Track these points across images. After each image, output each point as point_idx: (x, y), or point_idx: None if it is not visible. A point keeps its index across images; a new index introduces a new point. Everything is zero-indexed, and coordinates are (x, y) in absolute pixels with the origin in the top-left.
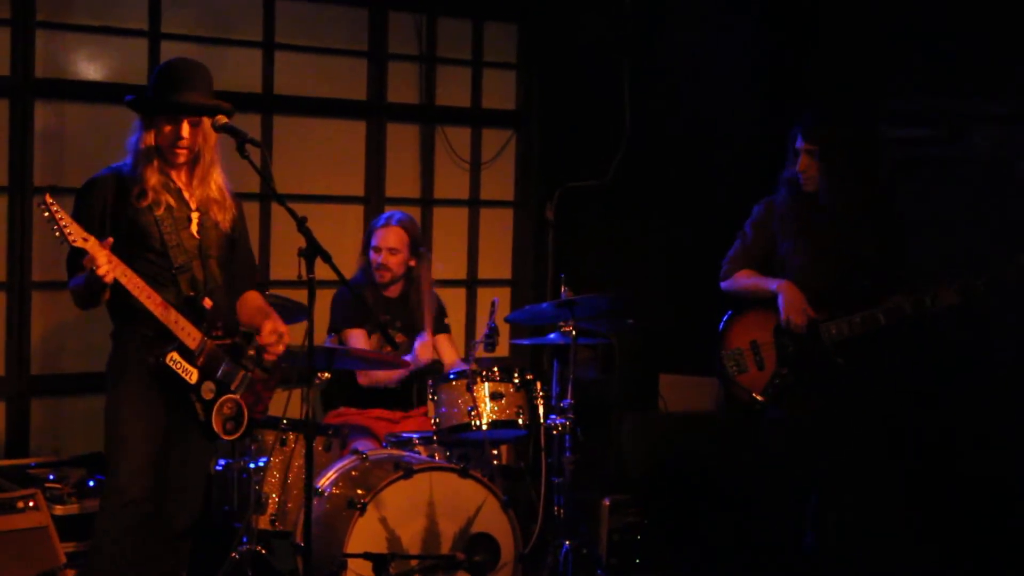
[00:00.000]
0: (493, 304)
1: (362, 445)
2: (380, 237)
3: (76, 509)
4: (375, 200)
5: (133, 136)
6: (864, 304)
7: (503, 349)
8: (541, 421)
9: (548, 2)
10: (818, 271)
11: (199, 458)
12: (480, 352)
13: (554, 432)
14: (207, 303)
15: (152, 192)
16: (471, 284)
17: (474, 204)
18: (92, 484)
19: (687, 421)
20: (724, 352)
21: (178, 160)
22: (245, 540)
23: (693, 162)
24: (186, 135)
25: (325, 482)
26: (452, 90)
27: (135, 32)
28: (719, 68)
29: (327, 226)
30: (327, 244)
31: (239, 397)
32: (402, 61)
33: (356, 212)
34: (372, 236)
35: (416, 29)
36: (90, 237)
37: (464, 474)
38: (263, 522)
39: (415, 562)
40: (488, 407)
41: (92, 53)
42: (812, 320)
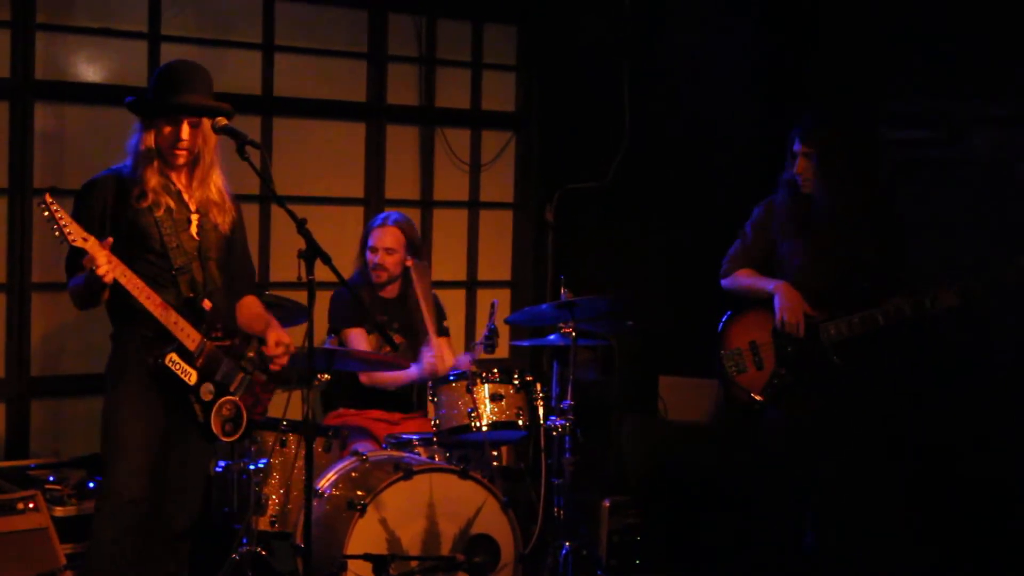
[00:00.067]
0: (493, 306)
1: (362, 446)
2: (376, 237)
3: (76, 511)
4: (375, 202)
5: (133, 138)
6: (863, 305)
7: (503, 350)
8: (541, 422)
9: (548, 4)
10: (817, 272)
11: (198, 459)
12: (480, 354)
13: (554, 433)
14: (206, 304)
15: (152, 193)
16: (471, 286)
17: (474, 206)
18: (92, 486)
19: (687, 425)
20: (723, 352)
21: (178, 162)
22: (245, 541)
23: (693, 164)
24: (186, 136)
25: (325, 483)
26: (452, 92)
27: (135, 34)
28: (719, 70)
29: (327, 228)
30: (327, 246)
31: (238, 399)
32: (402, 63)
33: (356, 214)
34: (369, 236)
35: (416, 31)
36: (90, 237)
37: (464, 475)
38: (263, 523)
39: (415, 563)
40: (488, 408)
41: (92, 55)
42: (811, 320)
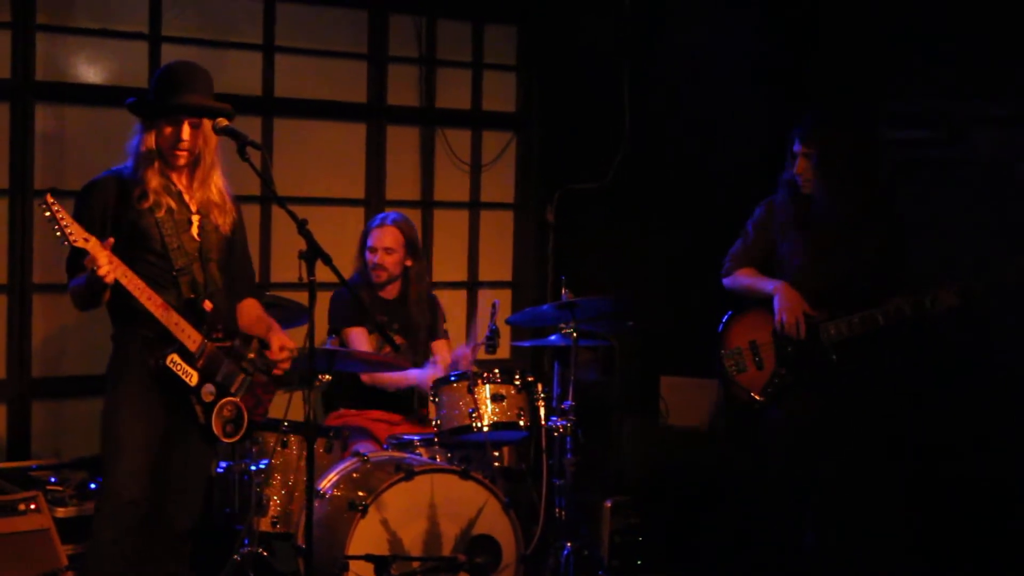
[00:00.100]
0: (494, 306)
1: (363, 447)
2: (376, 237)
3: (77, 511)
4: (375, 202)
5: (134, 139)
6: (863, 305)
7: (504, 351)
8: (542, 423)
9: (548, 4)
10: (817, 272)
11: (199, 460)
12: (481, 354)
13: (555, 434)
14: (207, 305)
15: (153, 194)
16: (471, 286)
17: (474, 206)
18: (93, 487)
19: (687, 429)
20: (723, 352)
21: (179, 162)
22: (247, 542)
23: (693, 164)
24: (186, 137)
25: (326, 484)
26: (452, 92)
27: (135, 35)
28: (719, 70)
29: (327, 228)
30: (327, 246)
31: (239, 400)
32: (402, 63)
33: (356, 214)
34: (368, 236)
35: (416, 31)
36: (91, 237)
37: (465, 476)
38: (264, 524)
39: (416, 564)
40: (489, 409)
41: (92, 56)
42: (811, 320)
